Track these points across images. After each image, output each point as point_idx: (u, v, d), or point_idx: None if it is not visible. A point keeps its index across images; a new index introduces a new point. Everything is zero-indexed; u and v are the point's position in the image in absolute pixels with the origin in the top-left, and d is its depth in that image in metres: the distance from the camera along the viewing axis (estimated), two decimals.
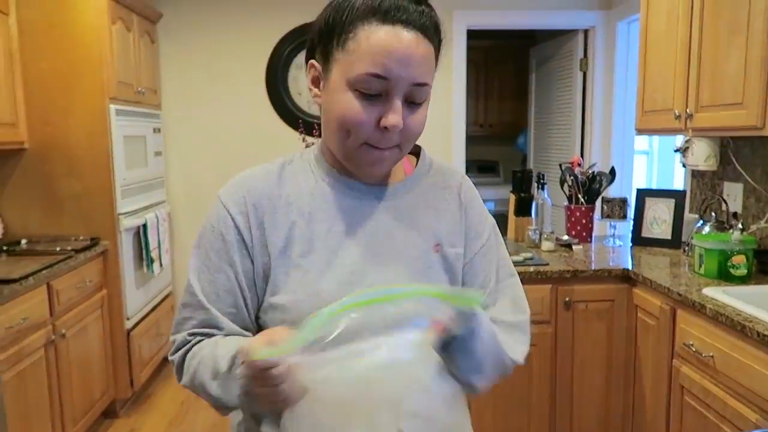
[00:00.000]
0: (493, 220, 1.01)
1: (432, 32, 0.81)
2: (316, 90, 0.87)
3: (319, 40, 0.84)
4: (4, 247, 2.68)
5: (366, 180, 0.90)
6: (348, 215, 0.89)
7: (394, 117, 0.79)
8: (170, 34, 3.69)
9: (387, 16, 0.78)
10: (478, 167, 5.60)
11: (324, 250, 0.86)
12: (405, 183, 0.93)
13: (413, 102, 0.82)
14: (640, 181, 4.51)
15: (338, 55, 0.80)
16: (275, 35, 3.70)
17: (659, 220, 2.62)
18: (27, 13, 2.72)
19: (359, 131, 0.80)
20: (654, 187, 4.41)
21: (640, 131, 2.64)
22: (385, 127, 0.79)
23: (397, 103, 0.79)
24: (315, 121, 3.67)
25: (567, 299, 2.23)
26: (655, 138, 4.53)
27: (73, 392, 2.56)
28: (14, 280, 2.15)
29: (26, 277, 2.22)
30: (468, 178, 1.02)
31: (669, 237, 2.58)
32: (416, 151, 0.99)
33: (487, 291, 0.94)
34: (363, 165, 0.85)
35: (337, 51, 0.80)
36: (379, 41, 0.77)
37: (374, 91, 0.79)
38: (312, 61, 0.86)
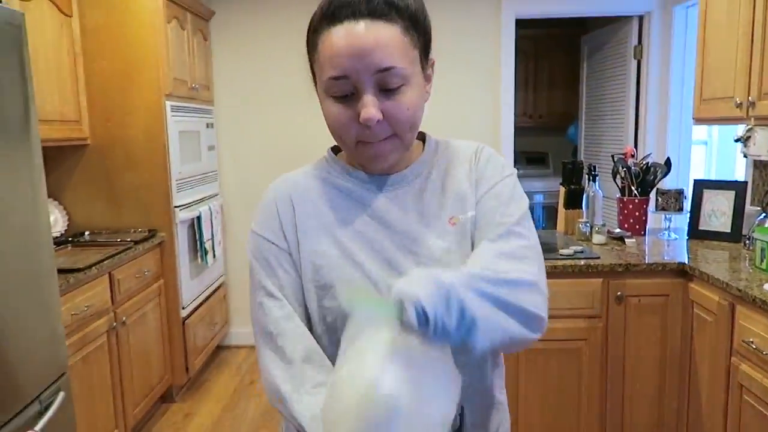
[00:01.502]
0: (513, 173, 0.94)
1: (388, 11, 0.79)
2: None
3: (308, 60, 0.89)
4: (70, 239, 2.83)
5: (375, 173, 0.91)
6: (355, 208, 0.91)
7: (366, 111, 0.79)
8: (222, 31, 3.79)
9: (334, 17, 0.79)
10: (527, 159, 5.52)
11: (341, 243, 0.89)
12: (409, 171, 0.92)
13: (387, 89, 0.80)
14: (698, 172, 4.34)
15: (314, 68, 0.86)
16: None
17: (718, 212, 2.52)
18: (89, 15, 2.85)
19: (345, 133, 0.83)
20: (713, 178, 4.24)
21: (699, 120, 2.55)
22: (364, 123, 0.80)
23: (367, 97, 0.79)
24: None
25: (619, 293, 2.18)
26: (714, 128, 4.34)
27: (133, 377, 2.68)
28: (79, 270, 2.26)
29: (90, 267, 2.33)
30: (488, 147, 0.97)
31: (728, 230, 2.48)
32: (423, 138, 0.98)
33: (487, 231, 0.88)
34: (366, 161, 0.87)
35: (314, 66, 0.86)
36: (331, 44, 0.79)
37: (344, 92, 0.81)
38: (313, 80, 0.91)
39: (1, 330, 1.58)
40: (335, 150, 0.98)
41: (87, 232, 2.96)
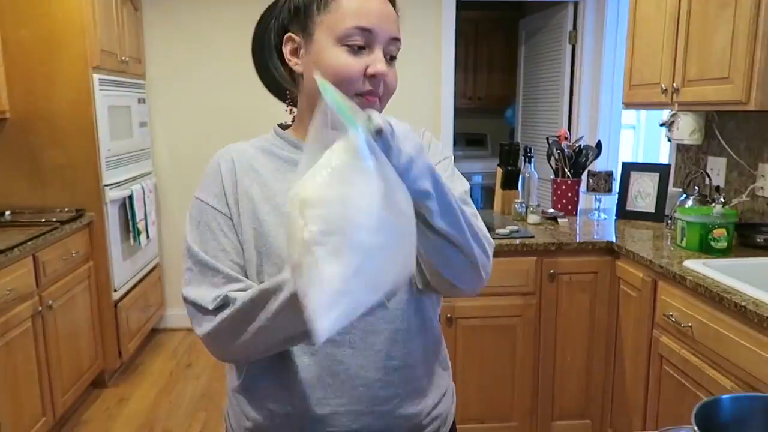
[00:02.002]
0: (450, 156, 1.04)
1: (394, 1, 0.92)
2: (295, 59, 0.93)
3: (295, 13, 0.91)
4: None
5: None
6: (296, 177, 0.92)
7: (381, 64, 0.87)
8: (154, 1, 3.61)
9: None
10: (467, 140, 5.61)
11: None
12: None
13: (390, 56, 0.90)
14: (626, 155, 4.54)
15: (322, 18, 0.88)
16: (262, 3, 3.63)
17: (644, 193, 2.65)
18: None
19: (351, 81, 0.86)
20: (640, 161, 4.45)
21: (628, 105, 2.65)
22: (373, 75, 0.86)
23: (380, 54, 0.88)
24: None
25: (551, 271, 2.26)
26: (642, 112, 4.55)
27: (61, 363, 2.57)
28: None
29: (11, 248, 2.21)
30: (429, 132, 1.05)
31: (653, 210, 2.61)
32: None
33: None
34: None
35: (319, 16, 0.88)
36: (360, 1, 0.86)
37: (360, 43, 0.86)
38: (289, 34, 0.92)
39: None
40: (282, 128, 1.01)
41: (8, 212, 2.78)
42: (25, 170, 2.84)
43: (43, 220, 2.66)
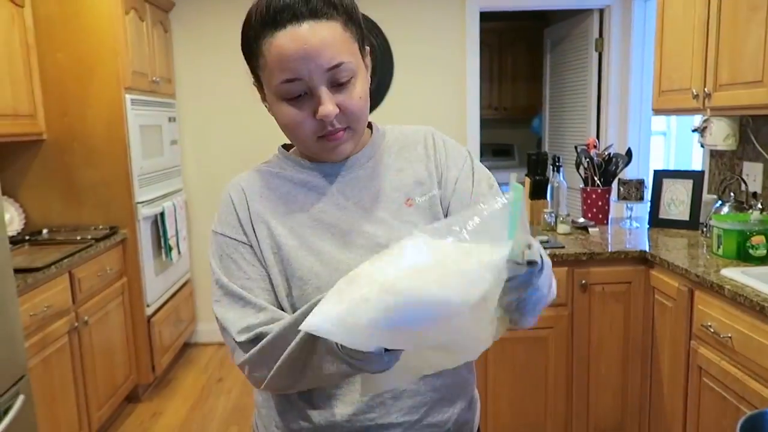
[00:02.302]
0: (468, 154, 1.00)
1: (327, 9, 0.82)
2: (266, 104, 0.91)
3: (248, 66, 0.89)
4: (27, 237, 2.74)
5: (335, 162, 0.93)
6: (310, 196, 0.93)
7: (324, 107, 0.82)
8: (183, 23, 3.71)
9: (277, 22, 0.80)
10: (493, 151, 5.58)
11: (304, 233, 0.90)
12: (361, 155, 0.95)
13: (339, 83, 0.83)
14: (657, 162, 4.46)
15: (260, 73, 0.86)
16: None
17: (677, 201, 2.59)
18: (42, 5, 2.75)
19: (303, 131, 0.85)
20: (672, 168, 4.36)
21: (657, 111, 2.61)
22: (322, 119, 0.83)
23: (323, 95, 0.82)
24: None
25: (583, 281, 2.22)
26: (673, 118, 4.46)
27: (96, 377, 2.62)
28: (37, 269, 2.19)
29: (48, 266, 2.26)
30: (437, 131, 1.01)
31: (687, 218, 2.55)
32: (369, 126, 1.01)
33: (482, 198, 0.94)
34: (326, 154, 0.90)
35: (259, 71, 0.86)
36: (279, 49, 0.80)
37: (297, 93, 0.83)
38: (254, 83, 0.91)
39: None
40: (286, 148, 1.00)
41: (45, 230, 2.87)
42: (61, 189, 2.92)
43: (78, 237, 2.72)
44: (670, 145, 4.76)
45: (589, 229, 2.54)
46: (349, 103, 0.84)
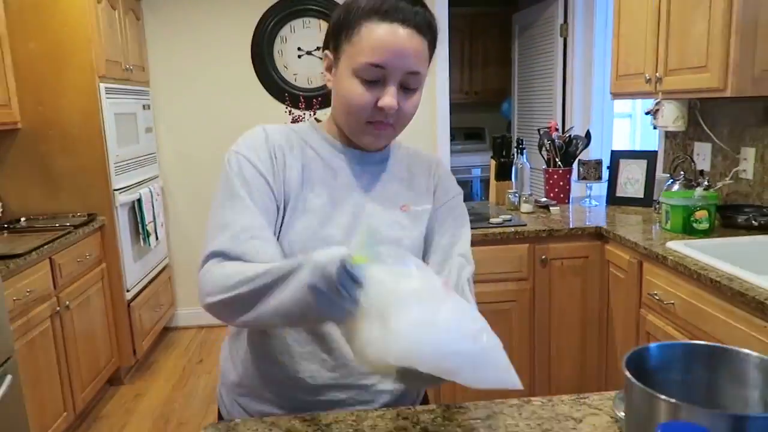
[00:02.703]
0: (461, 192, 1.16)
1: (425, 29, 0.95)
2: (329, 75, 1.01)
3: (332, 34, 0.98)
4: (5, 225, 2.78)
5: (367, 149, 1.05)
6: (334, 174, 1.03)
7: (390, 99, 0.93)
8: (155, 10, 3.73)
9: (386, 15, 0.92)
10: (465, 134, 5.70)
11: (319, 199, 1.00)
12: (379, 154, 1.08)
13: (408, 88, 0.96)
14: (623, 143, 4.62)
15: (346, 47, 0.95)
16: (259, 9, 3.75)
17: (632, 180, 2.74)
18: None
19: (360, 111, 0.95)
20: (637, 149, 4.53)
21: (615, 95, 2.74)
22: (382, 108, 0.94)
23: (392, 88, 0.94)
24: (300, 93, 3.74)
25: (543, 257, 2.36)
26: (638, 102, 4.62)
27: (79, 360, 2.69)
28: (18, 255, 2.25)
29: (29, 252, 2.32)
30: (443, 163, 1.17)
31: (642, 196, 2.71)
32: None
33: (444, 238, 1.08)
34: (363, 138, 1.00)
35: (345, 44, 0.95)
36: (378, 36, 0.92)
37: (373, 77, 0.93)
38: (326, 51, 1.01)
39: None
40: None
41: (23, 219, 2.91)
42: (38, 178, 2.97)
43: (57, 225, 2.78)
44: (636, 126, 4.93)
45: (551, 208, 2.68)
46: (407, 106, 0.96)
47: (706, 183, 2.30)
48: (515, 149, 2.84)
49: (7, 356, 1.88)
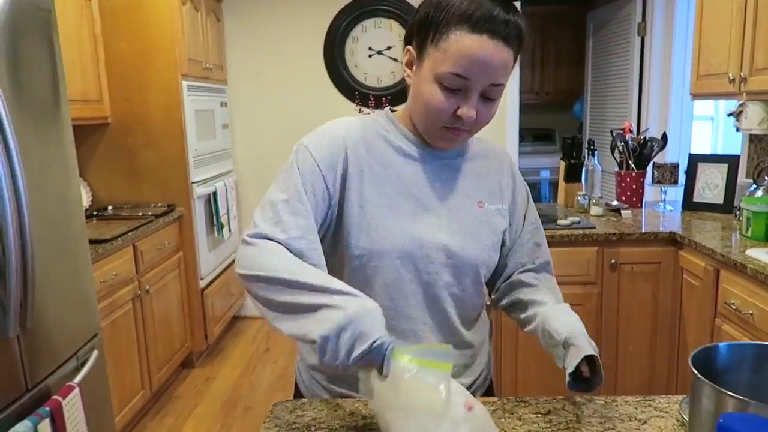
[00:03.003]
0: (528, 190, 1.18)
1: (515, 40, 0.93)
2: (409, 71, 1.00)
3: (417, 31, 0.97)
4: (94, 213, 2.99)
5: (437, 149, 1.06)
6: (406, 166, 1.04)
7: (470, 110, 0.93)
8: (234, 12, 3.89)
9: (476, 25, 0.89)
10: (534, 135, 5.60)
11: (388, 198, 1.01)
12: (455, 150, 1.08)
13: (488, 98, 0.95)
14: (705, 147, 4.41)
15: (431, 50, 0.93)
16: (332, 9, 3.84)
17: (711, 185, 2.62)
18: None
19: (438, 116, 0.95)
20: (719, 152, 4.31)
21: (695, 96, 2.64)
22: (460, 116, 0.94)
23: (473, 99, 0.93)
24: (370, 92, 3.81)
25: (613, 261, 2.30)
26: (721, 103, 4.40)
27: (157, 342, 2.86)
28: (106, 240, 2.42)
29: (116, 237, 2.49)
30: (513, 160, 1.18)
31: (721, 202, 2.58)
32: None
33: (526, 239, 1.14)
34: (437, 141, 1.02)
35: (431, 46, 0.94)
36: (465, 47, 0.90)
37: (455, 86, 0.92)
38: (409, 47, 1.00)
39: (41, 293, 1.74)
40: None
41: (110, 207, 3.12)
42: (124, 169, 3.17)
43: (140, 213, 2.96)
44: (718, 129, 4.69)
45: (622, 212, 2.61)
46: (485, 114, 0.96)
47: None
48: (586, 150, 2.77)
49: (94, 333, 2.02)
